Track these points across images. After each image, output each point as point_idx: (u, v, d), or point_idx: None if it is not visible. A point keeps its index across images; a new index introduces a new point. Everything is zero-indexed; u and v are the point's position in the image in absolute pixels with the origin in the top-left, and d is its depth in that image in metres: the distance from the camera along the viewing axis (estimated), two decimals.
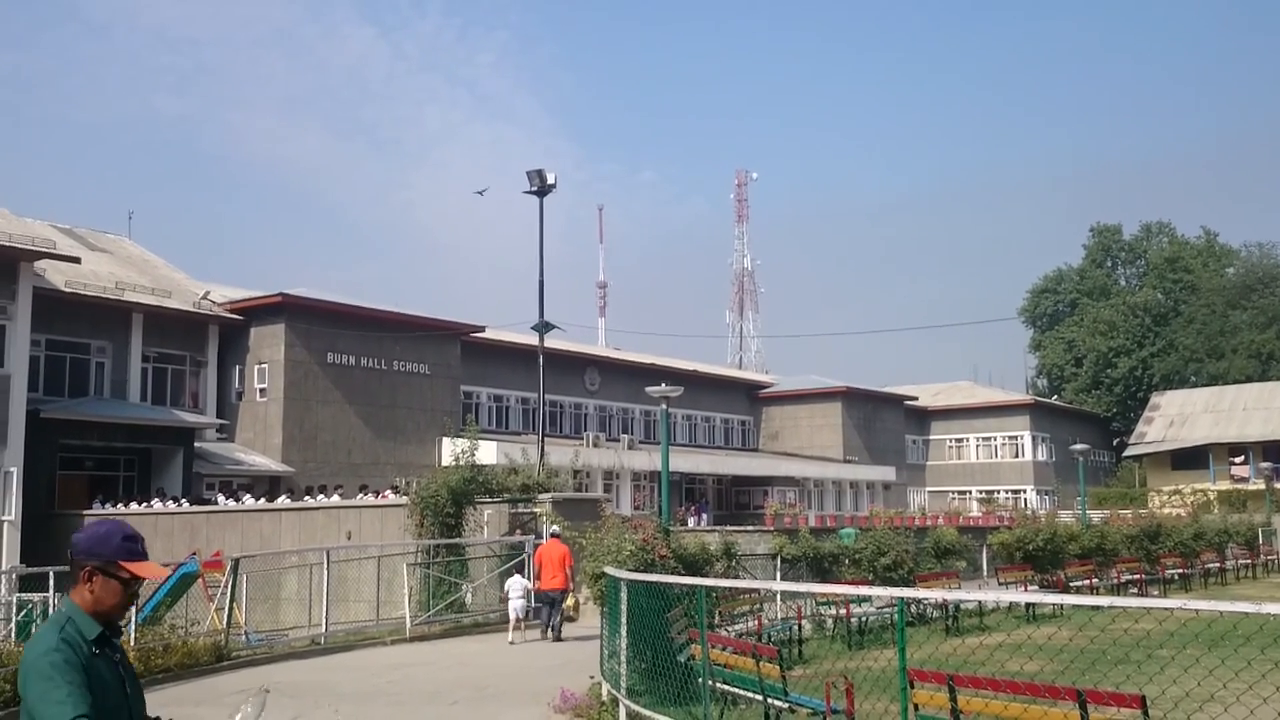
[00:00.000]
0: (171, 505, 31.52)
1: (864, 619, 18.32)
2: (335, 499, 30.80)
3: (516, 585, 20.04)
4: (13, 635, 18.75)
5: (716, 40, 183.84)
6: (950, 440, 72.58)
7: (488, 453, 29.01)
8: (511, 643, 19.18)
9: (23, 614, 19.75)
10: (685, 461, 49.25)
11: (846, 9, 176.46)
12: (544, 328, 31.13)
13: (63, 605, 3.42)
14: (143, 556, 3.45)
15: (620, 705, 11.10)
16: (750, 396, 64.47)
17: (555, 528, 20.55)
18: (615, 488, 46.16)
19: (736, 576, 18.48)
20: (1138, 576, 27.21)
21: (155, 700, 14.90)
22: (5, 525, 28.68)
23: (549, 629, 19.34)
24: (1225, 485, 59.88)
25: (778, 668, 10.12)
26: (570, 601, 21.07)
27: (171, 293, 38.50)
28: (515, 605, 19.61)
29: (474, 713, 13.04)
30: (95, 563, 3.36)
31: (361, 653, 18.91)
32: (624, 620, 11.08)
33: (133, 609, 17.13)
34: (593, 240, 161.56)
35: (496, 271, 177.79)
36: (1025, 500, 64.71)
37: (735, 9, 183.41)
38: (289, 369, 37.76)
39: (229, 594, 18.86)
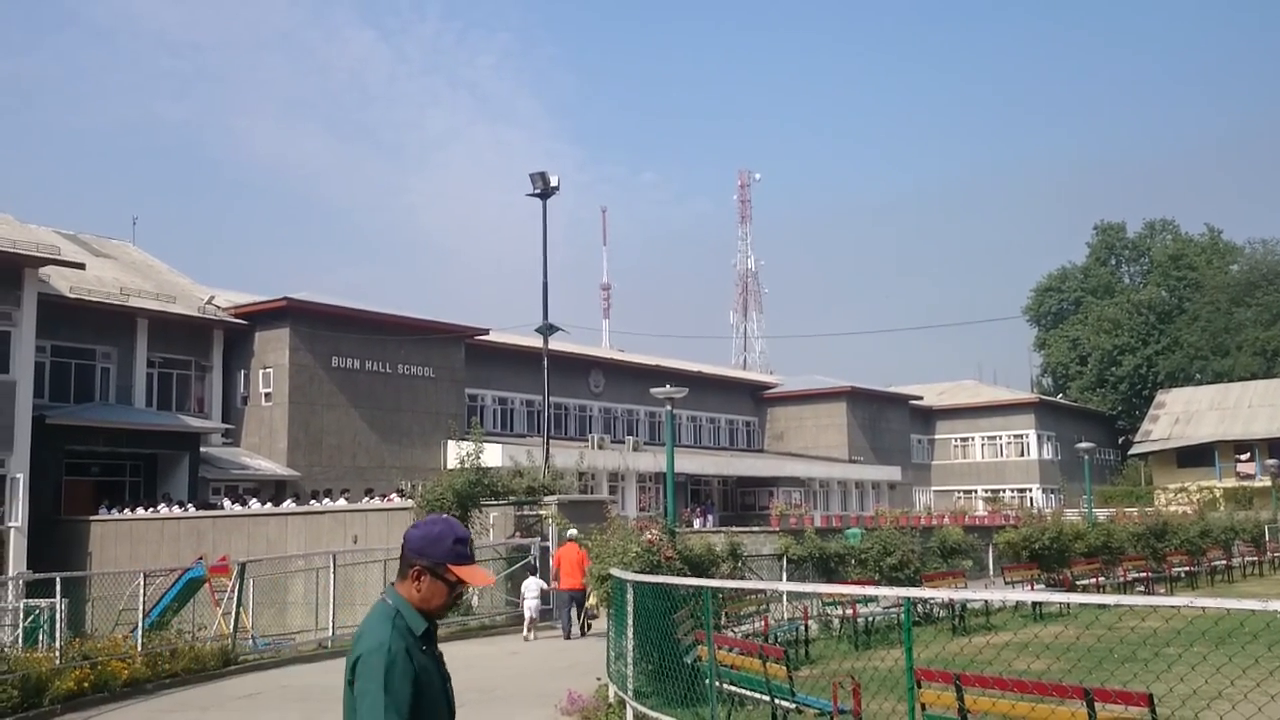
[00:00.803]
0: (178, 510, 31.55)
1: (870, 619, 18.31)
2: (341, 503, 30.83)
3: (532, 586, 20.61)
4: (20, 641, 18.75)
5: (718, 40, 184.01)
6: (955, 439, 72.50)
7: (493, 455, 28.96)
8: (526, 639, 19.90)
9: (30, 620, 19.74)
10: (690, 463, 49.21)
11: (849, 9, 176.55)
12: (548, 330, 31.14)
13: (388, 596, 3.45)
14: (471, 560, 3.44)
15: (627, 707, 11.11)
16: (755, 397, 64.45)
17: (573, 531, 20.72)
18: (620, 489, 46.16)
19: (742, 577, 18.50)
20: (1144, 574, 27.16)
21: (162, 704, 15.02)
22: (12, 531, 28.71)
23: (573, 627, 20.06)
24: (1231, 482, 59.80)
25: (784, 668, 10.11)
26: (592, 600, 21.28)
27: (176, 298, 38.55)
28: (530, 605, 20.25)
29: (481, 715, 13.04)
30: (425, 562, 3.38)
31: None
32: (630, 622, 11.08)
33: (140, 613, 17.19)
34: (596, 242, 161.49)
35: (499, 274, 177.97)
36: (1031, 499, 64.63)
37: (737, 9, 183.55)
38: (294, 373, 37.81)
39: (235, 598, 18.89)
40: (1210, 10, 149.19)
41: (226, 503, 33.14)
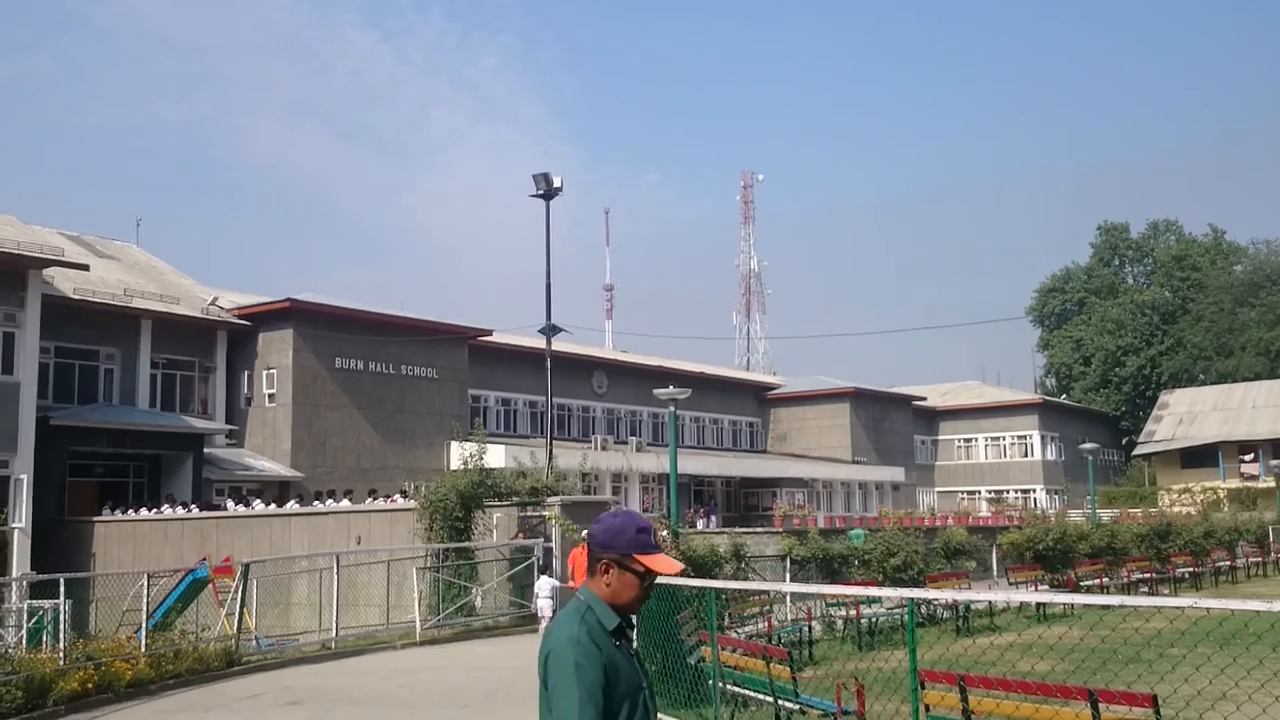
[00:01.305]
0: (181, 511, 31.57)
1: (874, 620, 18.29)
2: (344, 504, 30.84)
3: (545, 585, 20.70)
4: (24, 642, 18.76)
5: (720, 41, 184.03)
6: (959, 440, 72.44)
7: (496, 456, 28.98)
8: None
9: (34, 621, 19.75)
10: (693, 463, 49.20)
11: (851, 9, 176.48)
12: (551, 331, 31.18)
13: (580, 594, 3.39)
14: (656, 549, 3.38)
15: None
16: (758, 398, 64.42)
17: (586, 533, 20.81)
18: (624, 490, 46.16)
19: (746, 578, 18.49)
20: (1148, 575, 27.13)
21: (166, 705, 15.01)
22: (16, 532, 28.73)
23: None
24: (1235, 483, 59.70)
25: (788, 669, 10.11)
26: None
27: (179, 299, 38.58)
28: (542, 605, 20.37)
29: (485, 716, 13.05)
30: (611, 555, 3.34)
31: (371, 657, 18.94)
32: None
33: (144, 614, 17.20)
34: (599, 242, 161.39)
35: (502, 275, 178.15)
36: (1034, 500, 64.56)
37: (739, 10, 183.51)
38: (297, 374, 37.83)
39: (239, 599, 18.89)
40: (1214, 10, 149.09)
41: (230, 503, 33.16)
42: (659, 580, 3.55)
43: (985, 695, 7.94)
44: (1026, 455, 70.41)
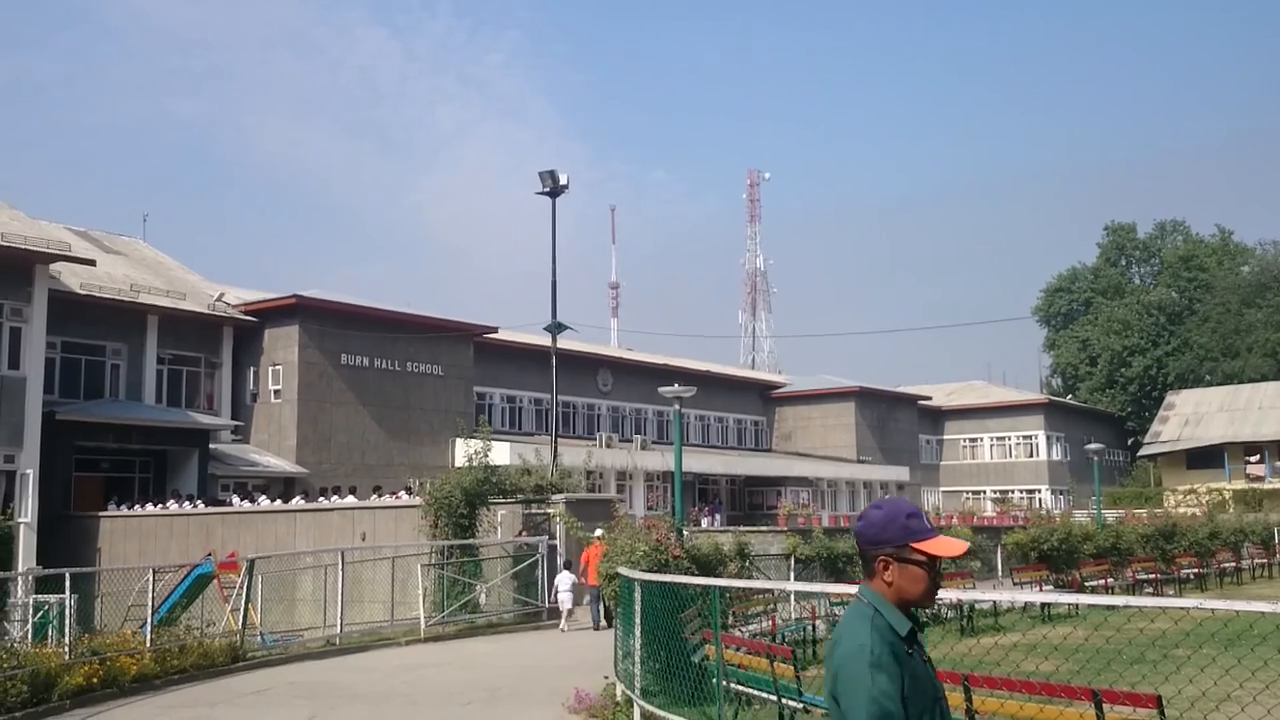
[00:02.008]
0: (187, 507, 31.64)
1: None
2: (350, 500, 30.88)
3: (565, 580, 21.27)
4: (29, 637, 18.82)
5: (727, 39, 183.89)
6: (964, 440, 72.36)
7: (501, 453, 29.00)
8: (562, 630, 20.78)
9: (39, 615, 19.82)
10: (698, 462, 49.21)
11: (859, 9, 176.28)
12: (557, 328, 31.13)
13: (862, 596, 3.14)
14: (933, 532, 3.12)
15: (634, 706, 11.10)
16: (763, 397, 64.40)
17: (599, 531, 20.95)
18: (628, 488, 46.15)
19: (750, 577, 18.50)
20: (1153, 576, 27.10)
21: (171, 700, 15.05)
22: (21, 527, 28.80)
23: (601, 620, 20.84)
24: (1241, 484, 59.54)
25: (792, 668, 10.11)
26: None
27: (186, 295, 38.65)
28: (563, 598, 21.08)
29: (489, 713, 13.06)
30: (887, 550, 3.09)
31: (376, 653, 18.98)
32: (638, 621, 11.08)
33: (149, 609, 17.23)
34: (604, 240, 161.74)
35: (508, 272, 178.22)
36: (1040, 500, 64.48)
37: (745, 9, 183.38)
38: (303, 370, 37.88)
39: (244, 595, 18.93)
40: (1221, 10, 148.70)
41: (235, 499, 33.22)
42: (661, 579, 3.51)
43: (990, 695, 7.94)
44: (1032, 455, 70.32)
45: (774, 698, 10.24)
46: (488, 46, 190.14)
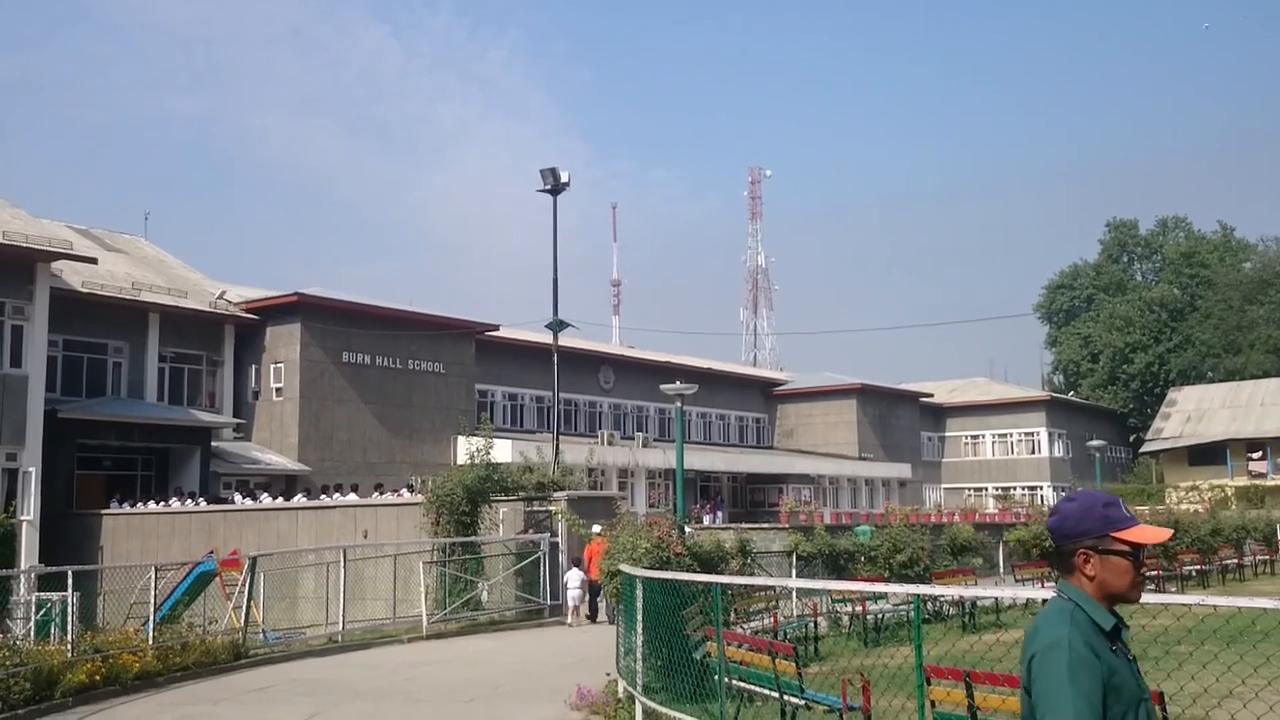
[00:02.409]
0: (189, 504, 31.64)
1: (880, 616, 18.27)
2: (351, 498, 30.89)
3: (574, 577, 21.43)
4: (32, 634, 18.84)
5: (729, 37, 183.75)
6: (966, 437, 72.32)
7: (503, 451, 29.04)
8: (570, 625, 21.03)
9: (42, 613, 19.84)
10: (700, 459, 49.21)
11: (860, 7, 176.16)
12: (558, 326, 31.12)
13: (1063, 592, 3.03)
14: (1133, 520, 2.99)
15: (636, 702, 11.11)
16: (765, 394, 64.40)
17: (597, 528, 21.04)
18: (630, 486, 46.18)
19: (752, 574, 18.50)
20: (1155, 573, 27.04)
21: (173, 697, 15.06)
22: (24, 525, 28.83)
23: (599, 613, 21.31)
24: (1243, 481, 59.53)
25: (794, 665, 10.11)
26: None
27: (187, 293, 38.66)
28: (573, 594, 21.29)
29: (491, 710, 13.07)
30: (1086, 543, 2.97)
31: (378, 650, 19.00)
32: (640, 618, 11.08)
33: (152, 606, 17.25)
34: (606, 238, 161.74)
35: (510, 270, 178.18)
36: (1042, 497, 64.47)
37: (746, 7, 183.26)
38: (305, 368, 37.89)
39: (246, 592, 18.96)
40: (1223, 7, 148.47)
41: (237, 497, 33.22)
42: (663, 576, 3.49)
43: (991, 691, 7.94)
44: (1034, 452, 70.26)
45: (776, 694, 10.24)
46: (489, 44, 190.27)
